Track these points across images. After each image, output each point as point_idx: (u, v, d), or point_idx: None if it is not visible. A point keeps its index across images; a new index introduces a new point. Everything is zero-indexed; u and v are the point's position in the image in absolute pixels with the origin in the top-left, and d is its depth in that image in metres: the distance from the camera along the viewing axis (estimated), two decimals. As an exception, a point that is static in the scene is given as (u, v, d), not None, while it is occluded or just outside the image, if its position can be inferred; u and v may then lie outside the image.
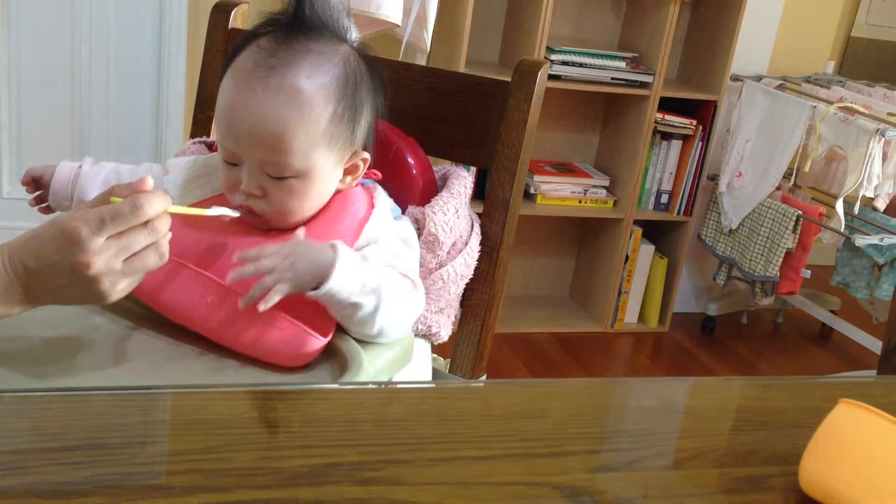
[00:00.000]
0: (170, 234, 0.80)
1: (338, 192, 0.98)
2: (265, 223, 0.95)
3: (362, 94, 0.96)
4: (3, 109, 2.48)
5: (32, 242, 0.77)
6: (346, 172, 0.98)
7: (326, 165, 0.94)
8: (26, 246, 0.77)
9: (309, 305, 0.89)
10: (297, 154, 0.91)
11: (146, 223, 0.76)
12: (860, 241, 2.44)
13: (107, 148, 2.58)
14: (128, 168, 1.12)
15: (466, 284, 1.12)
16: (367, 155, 0.99)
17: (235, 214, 0.92)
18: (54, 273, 0.76)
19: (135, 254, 0.77)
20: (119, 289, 0.78)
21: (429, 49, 2.27)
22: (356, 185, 1.00)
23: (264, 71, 0.90)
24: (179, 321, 0.91)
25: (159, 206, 0.77)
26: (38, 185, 1.13)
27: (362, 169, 0.99)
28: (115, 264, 0.76)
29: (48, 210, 1.13)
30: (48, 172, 1.12)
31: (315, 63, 0.92)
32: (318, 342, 0.88)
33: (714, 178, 2.87)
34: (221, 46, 1.30)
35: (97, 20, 2.46)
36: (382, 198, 1.02)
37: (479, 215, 1.15)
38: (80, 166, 1.12)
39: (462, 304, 1.15)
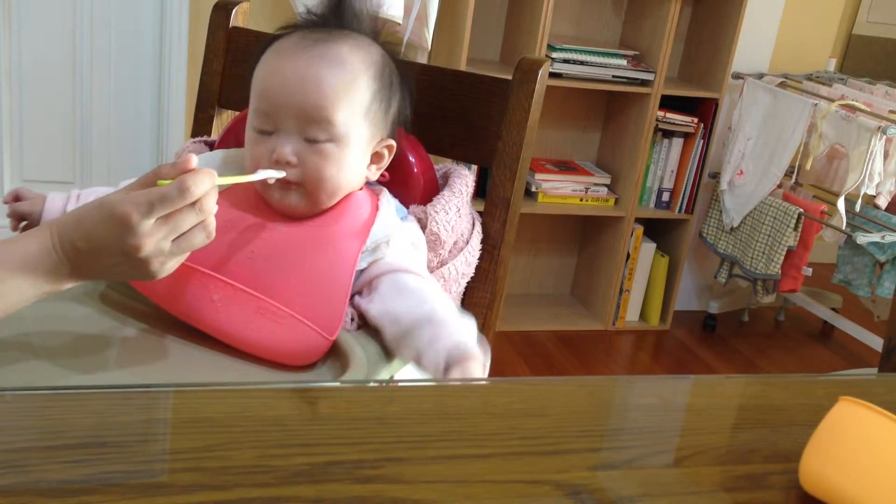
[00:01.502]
0: (216, 208, 0.80)
1: (350, 193, 0.99)
2: (301, 205, 0.95)
3: (396, 82, 1.00)
4: (5, 109, 2.48)
5: (82, 224, 0.78)
6: (372, 161, 0.99)
7: (361, 138, 0.95)
8: (77, 227, 0.78)
9: (316, 304, 0.90)
10: (339, 112, 0.92)
11: (193, 203, 0.77)
12: (862, 238, 2.44)
13: (108, 147, 2.58)
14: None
15: (468, 283, 1.12)
16: (392, 142, 1.00)
17: (281, 174, 0.92)
18: (105, 254, 0.77)
19: (183, 234, 0.78)
20: (167, 267, 0.80)
21: (430, 47, 2.27)
22: (362, 189, 1.00)
23: (309, 43, 0.94)
24: (187, 320, 0.91)
25: (206, 185, 0.77)
26: (23, 217, 1.12)
27: (387, 159, 1.01)
28: (164, 245, 0.77)
29: (26, 227, 1.12)
30: (37, 210, 1.10)
31: (354, 45, 0.96)
32: (324, 341, 0.88)
33: (715, 176, 2.86)
34: (222, 45, 1.30)
35: (98, 20, 2.46)
36: (388, 199, 1.02)
37: (480, 214, 1.15)
38: (68, 202, 1.12)
39: (463, 302, 1.15)
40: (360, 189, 1.00)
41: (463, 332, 0.90)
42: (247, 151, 0.96)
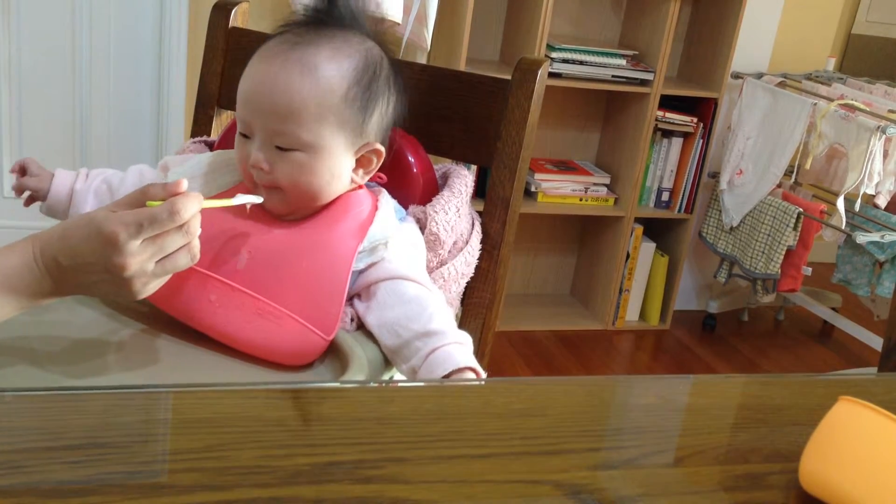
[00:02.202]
0: (200, 230, 0.80)
1: (346, 192, 0.98)
2: (283, 208, 0.95)
3: (378, 86, 0.98)
4: (4, 109, 2.48)
5: (67, 239, 0.78)
6: (359, 165, 0.98)
7: (336, 145, 0.94)
8: (60, 242, 0.78)
9: (312, 304, 0.90)
10: (305, 125, 0.91)
11: (181, 226, 0.78)
12: (861, 238, 2.44)
13: (107, 147, 2.58)
14: (118, 178, 1.13)
15: (467, 283, 1.12)
16: (380, 147, 0.99)
17: (259, 200, 0.92)
18: (88, 271, 0.77)
19: (168, 255, 0.79)
20: (149, 288, 0.80)
21: (429, 47, 2.27)
22: (361, 188, 1.00)
23: (288, 47, 0.93)
24: (184, 320, 0.91)
25: (194, 208, 0.78)
26: (31, 193, 1.14)
27: (375, 164, 1.00)
28: (148, 266, 0.78)
29: (32, 200, 1.14)
30: (44, 188, 1.12)
31: (337, 47, 0.95)
32: (321, 341, 0.88)
33: (715, 176, 2.86)
34: (222, 45, 1.30)
35: (97, 20, 2.46)
36: (386, 200, 1.02)
37: (480, 213, 1.15)
38: (76, 180, 1.13)
39: (463, 302, 1.15)
40: (360, 189, 1.00)
41: (459, 345, 0.90)
42: (235, 150, 0.97)
